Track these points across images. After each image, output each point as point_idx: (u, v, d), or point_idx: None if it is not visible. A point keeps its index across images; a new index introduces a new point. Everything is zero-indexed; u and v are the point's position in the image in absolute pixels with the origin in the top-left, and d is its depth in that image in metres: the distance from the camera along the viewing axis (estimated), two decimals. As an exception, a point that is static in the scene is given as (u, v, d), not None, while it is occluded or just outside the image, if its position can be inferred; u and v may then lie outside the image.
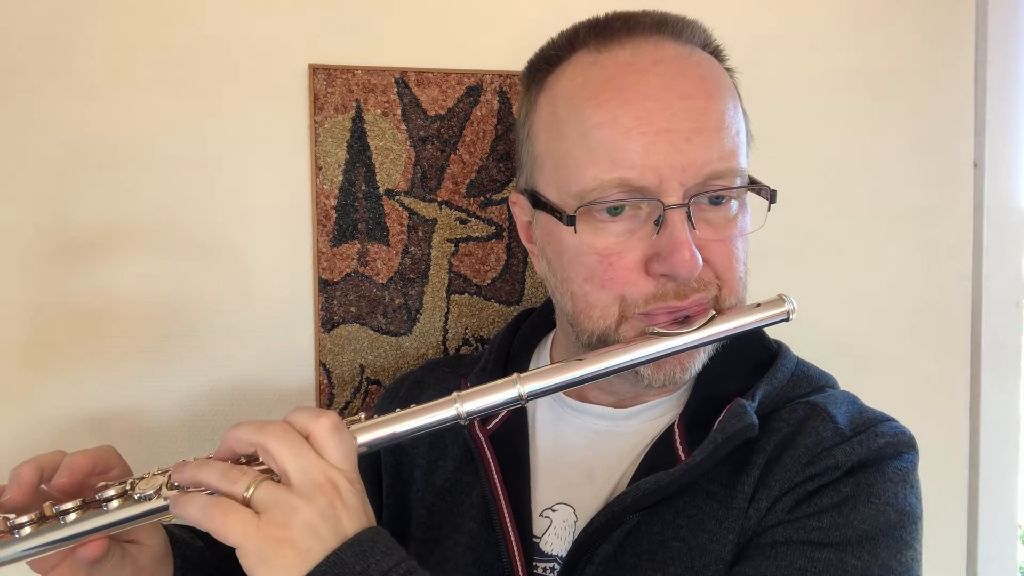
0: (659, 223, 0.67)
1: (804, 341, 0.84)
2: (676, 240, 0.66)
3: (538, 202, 0.74)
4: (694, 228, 0.67)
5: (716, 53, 0.75)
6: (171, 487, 0.61)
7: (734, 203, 0.71)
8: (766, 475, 0.69)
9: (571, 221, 0.69)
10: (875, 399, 0.78)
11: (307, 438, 0.59)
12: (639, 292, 0.68)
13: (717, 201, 0.70)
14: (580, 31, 0.74)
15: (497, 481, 0.77)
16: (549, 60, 0.76)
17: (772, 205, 0.73)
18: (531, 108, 0.77)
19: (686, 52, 0.71)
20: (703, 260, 0.67)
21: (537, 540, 0.76)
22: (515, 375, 0.66)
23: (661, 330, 0.68)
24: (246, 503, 0.56)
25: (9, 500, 0.63)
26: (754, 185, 0.72)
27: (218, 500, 0.56)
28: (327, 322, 1.04)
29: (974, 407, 1.21)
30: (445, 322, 1.07)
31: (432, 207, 1.05)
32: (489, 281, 1.08)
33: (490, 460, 0.79)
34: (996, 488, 1.21)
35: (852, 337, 1.17)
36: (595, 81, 0.70)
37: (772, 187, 0.72)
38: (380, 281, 1.05)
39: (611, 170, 0.67)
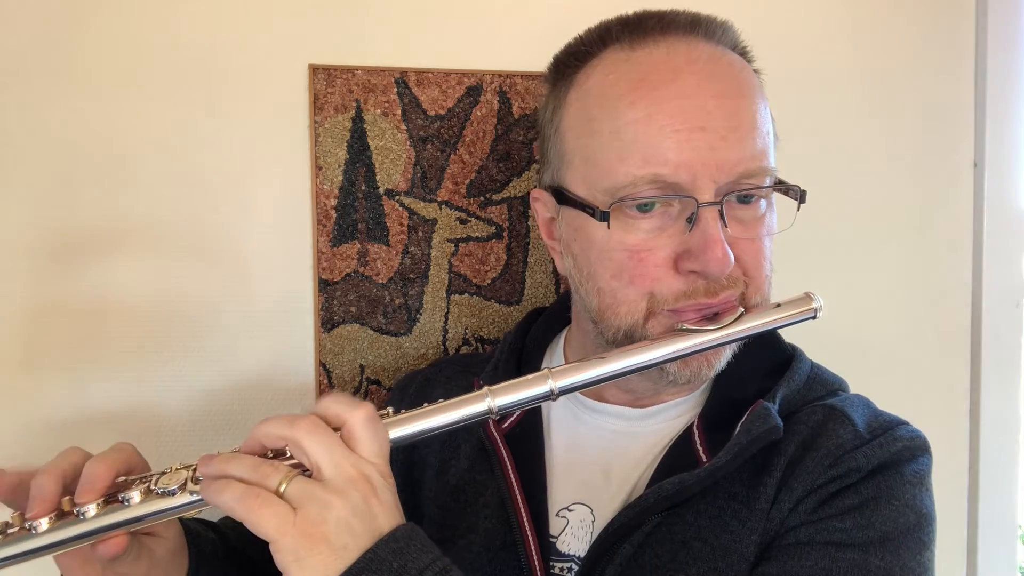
0: (692, 220, 0.67)
1: (803, 341, 0.84)
2: (710, 237, 0.66)
3: (564, 198, 0.74)
4: (726, 226, 0.67)
5: (744, 54, 0.75)
6: (196, 481, 0.60)
7: (763, 202, 0.72)
8: (788, 476, 0.69)
9: (605, 217, 0.69)
10: (875, 399, 0.78)
11: (341, 427, 0.58)
12: (668, 289, 0.68)
13: (746, 200, 0.70)
14: (612, 28, 0.73)
15: (514, 480, 0.77)
16: (578, 56, 0.75)
17: (801, 205, 0.73)
18: (559, 104, 0.76)
19: (719, 52, 0.71)
20: (733, 258, 0.67)
21: (554, 540, 0.76)
22: (547, 370, 0.65)
23: (690, 326, 0.68)
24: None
25: (33, 517, 0.60)
26: (784, 185, 0.72)
27: (256, 490, 0.55)
28: (327, 322, 1.04)
29: (974, 407, 1.21)
30: (445, 322, 1.07)
31: (432, 207, 1.05)
32: (489, 281, 1.08)
33: (506, 459, 0.78)
34: (996, 488, 1.21)
35: (852, 337, 1.17)
36: (629, 78, 0.69)
37: (804, 188, 0.73)
38: (380, 281, 1.05)
39: (644, 166, 0.67)
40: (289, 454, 0.60)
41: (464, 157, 1.05)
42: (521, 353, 0.88)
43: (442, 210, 1.05)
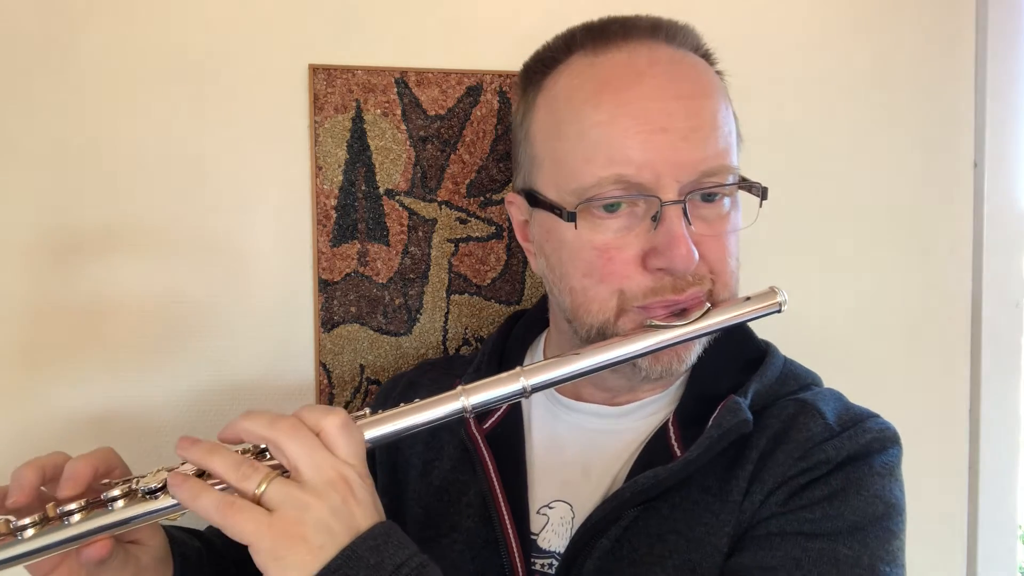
0: (656, 219, 0.69)
1: (804, 341, 0.84)
2: (674, 235, 0.68)
3: (536, 201, 0.76)
4: (690, 224, 0.69)
5: (707, 56, 0.77)
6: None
7: (727, 200, 0.73)
8: (760, 469, 0.71)
9: (572, 217, 0.71)
10: (875, 399, 0.78)
11: (317, 435, 0.59)
12: (637, 286, 0.70)
13: (710, 198, 0.72)
14: (576, 34, 0.76)
15: (495, 479, 0.78)
16: (545, 62, 0.77)
17: (763, 202, 0.75)
18: (528, 109, 0.78)
19: (680, 55, 0.73)
20: (698, 255, 0.69)
21: (535, 537, 0.77)
22: (518, 368, 0.67)
23: (658, 323, 0.69)
24: (256, 500, 0.57)
25: (13, 504, 0.62)
26: (745, 182, 0.74)
27: (231, 498, 0.56)
28: (327, 322, 1.04)
29: (974, 407, 1.21)
30: (445, 322, 1.07)
31: (432, 207, 1.05)
32: (489, 281, 1.08)
33: (487, 459, 0.80)
34: (996, 488, 1.21)
35: (852, 337, 1.17)
36: (593, 82, 0.71)
37: (765, 185, 0.74)
38: (380, 281, 1.05)
39: (609, 167, 0.69)
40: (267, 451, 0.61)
41: (464, 157, 1.05)
42: (503, 355, 0.90)
43: (442, 210, 1.05)
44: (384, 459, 0.89)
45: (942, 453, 1.20)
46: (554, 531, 0.77)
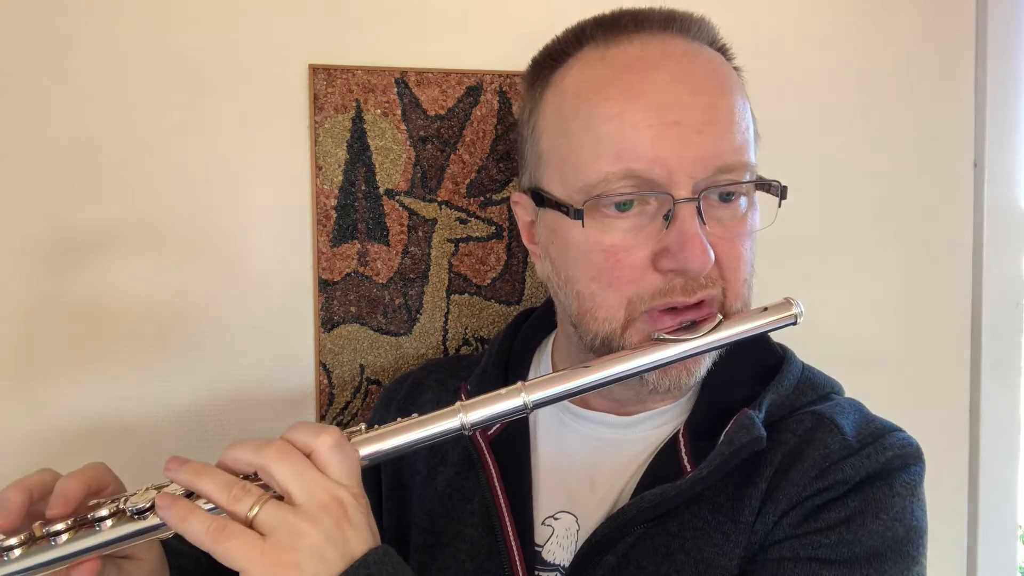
0: (668, 217, 0.66)
1: (804, 342, 0.83)
2: (687, 234, 0.64)
3: (542, 200, 0.73)
4: (704, 223, 0.66)
5: (723, 51, 0.74)
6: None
7: (743, 200, 0.70)
8: (773, 488, 0.68)
9: (579, 215, 0.67)
10: (875, 400, 0.77)
11: (309, 455, 0.57)
12: (645, 288, 0.67)
13: (727, 198, 0.69)
14: (587, 27, 0.73)
15: (498, 488, 0.76)
16: (555, 57, 0.74)
17: (782, 202, 0.72)
18: (536, 105, 0.75)
19: (695, 48, 0.70)
20: (713, 256, 0.66)
21: (539, 549, 0.75)
22: (519, 383, 0.64)
23: (668, 336, 0.66)
24: (249, 523, 0.55)
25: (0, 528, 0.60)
26: (763, 181, 0.71)
27: (223, 522, 0.55)
28: (327, 322, 1.04)
29: (974, 407, 1.21)
30: (445, 322, 1.07)
31: (432, 207, 1.05)
32: (489, 281, 1.08)
33: (491, 466, 0.77)
34: (996, 488, 1.21)
35: (852, 337, 1.17)
36: (602, 75, 0.69)
37: (784, 184, 0.71)
38: (380, 281, 1.05)
39: (618, 162, 0.66)
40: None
41: (464, 157, 1.05)
42: (509, 357, 0.87)
43: (442, 210, 1.05)
44: (388, 464, 0.87)
45: (942, 453, 1.20)
46: (559, 544, 0.74)
